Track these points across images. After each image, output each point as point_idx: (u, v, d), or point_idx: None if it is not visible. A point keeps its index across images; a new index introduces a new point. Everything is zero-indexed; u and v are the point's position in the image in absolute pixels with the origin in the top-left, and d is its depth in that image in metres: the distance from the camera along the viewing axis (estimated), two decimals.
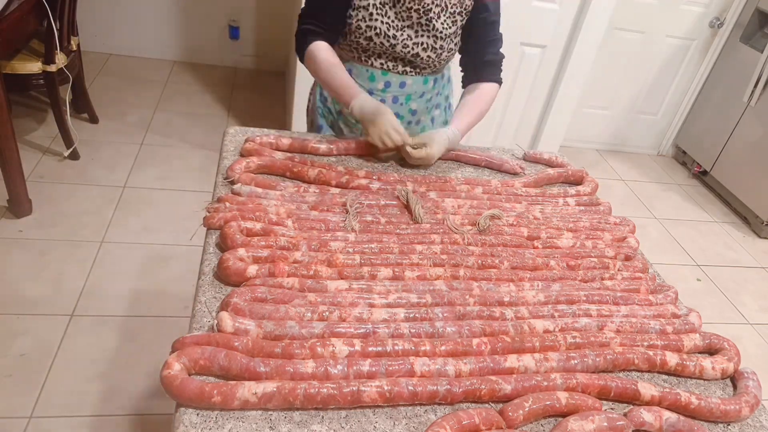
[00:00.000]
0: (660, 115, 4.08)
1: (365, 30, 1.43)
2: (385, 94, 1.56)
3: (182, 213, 2.65)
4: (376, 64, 1.52)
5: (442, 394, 0.85)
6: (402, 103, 1.59)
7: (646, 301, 1.14)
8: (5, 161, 2.29)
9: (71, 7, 2.69)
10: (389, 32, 1.43)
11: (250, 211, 1.12)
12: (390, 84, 1.55)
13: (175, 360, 0.81)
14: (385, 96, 1.56)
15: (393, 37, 1.44)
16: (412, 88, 1.57)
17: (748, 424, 0.96)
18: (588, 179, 1.53)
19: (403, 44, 1.45)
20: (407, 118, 1.62)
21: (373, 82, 1.54)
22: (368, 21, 1.42)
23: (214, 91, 3.81)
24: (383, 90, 1.55)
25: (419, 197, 1.28)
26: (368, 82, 1.54)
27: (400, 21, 1.43)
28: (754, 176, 3.45)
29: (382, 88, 1.55)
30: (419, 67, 1.53)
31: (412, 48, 1.46)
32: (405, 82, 1.55)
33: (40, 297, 2.10)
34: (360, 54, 1.51)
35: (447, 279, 1.08)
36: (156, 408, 1.82)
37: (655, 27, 3.64)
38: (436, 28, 1.44)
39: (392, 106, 1.58)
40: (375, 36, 1.44)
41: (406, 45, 1.46)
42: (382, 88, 1.55)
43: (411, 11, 1.41)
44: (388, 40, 1.44)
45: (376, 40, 1.44)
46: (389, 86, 1.55)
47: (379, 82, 1.54)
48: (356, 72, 1.54)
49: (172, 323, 2.11)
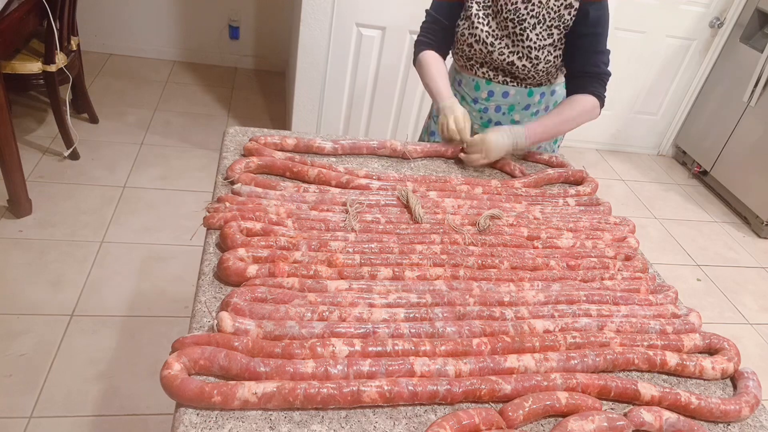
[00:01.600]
0: (660, 115, 4.08)
1: (468, 37, 1.55)
2: (489, 103, 1.62)
3: (182, 213, 2.65)
4: (479, 73, 1.59)
5: (442, 394, 0.85)
6: (505, 112, 1.63)
7: (646, 301, 1.14)
8: (5, 161, 2.29)
9: (71, 7, 2.69)
10: (488, 40, 1.52)
11: (250, 211, 1.12)
12: (493, 93, 1.60)
13: (175, 360, 0.81)
14: (489, 105, 1.62)
15: (491, 45, 1.52)
16: (516, 99, 1.60)
17: (748, 424, 0.96)
18: (588, 179, 1.53)
19: (500, 52, 1.52)
20: None
21: (477, 91, 1.62)
22: (470, 29, 1.54)
23: (214, 91, 3.81)
24: (487, 99, 1.62)
25: (419, 197, 1.28)
26: (474, 91, 1.63)
27: (500, 30, 1.51)
28: (754, 176, 3.45)
29: (485, 97, 1.62)
30: (519, 78, 1.57)
31: (508, 56, 1.52)
32: (508, 92, 1.59)
33: (40, 297, 2.10)
34: (465, 62, 1.62)
35: (447, 279, 1.08)
36: (156, 408, 1.82)
37: (655, 27, 3.64)
38: (530, 38, 1.47)
39: (495, 115, 1.63)
40: (475, 43, 1.54)
41: (502, 53, 1.52)
42: (486, 97, 1.62)
43: (507, 21, 1.48)
44: (486, 47, 1.53)
45: (475, 46, 1.55)
46: (492, 95, 1.61)
47: (483, 91, 1.61)
48: (464, 82, 1.65)
49: (172, 323, 2.11)
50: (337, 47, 2.77)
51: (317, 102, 2.94)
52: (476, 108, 1.65)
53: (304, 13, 2.65)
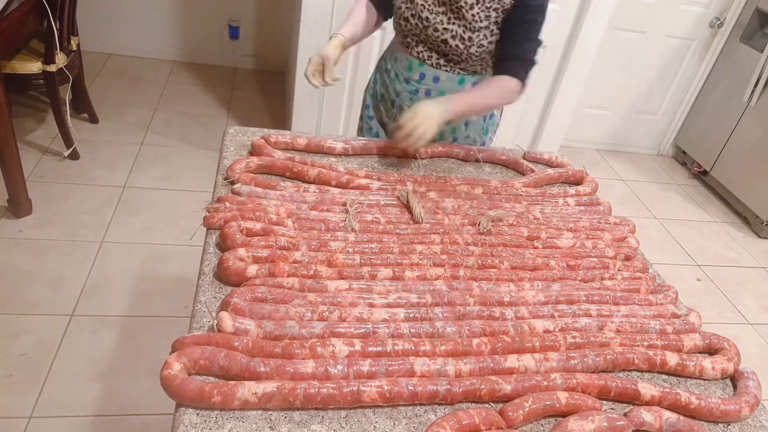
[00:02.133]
0: (660, 115, 4.08)
1: (404, 11, 1.51)
2: (420, 86, 1.59)
3: (182, 213, 2.65)
4: (414, 52, 1.56)
5: (442, 394, 0.85)
6: (434, 97, 1.58)
7: (646, 301, 1.14)
8: (5, 161, 2.29)
9: (71, 7, 2.69)
10: (423, 14, 1.48)
11: (250, 211, 1.12)
12: (425, 76, 1.57)
13: (175, 360, 0.81)
14: (420, 87, 1.59)
15: (426, 20, 1.48)
16: (446, 85, 1.57)
17: (748, 424, 0.96)
18: (588, 179, 1.53)
19: (434, 28, 1.49)
20: None
21: (410, 71, 1.59)
22: (408, 3, 1.50)
23: (214, 91, 3.81)
24: (418, 81, 1.59)
25: (419, 197, 1.28)
26: (406, 71, 1.59)
27: (436, 6, 1.47)
28: (754, 176, 3.45)
29: (417, 79, 1.59)
30: (451, 60, 1.54)
31: (442, 33, 1.49)
32: (439, 77, 1.56)
33: (40, 297, 2.10)
34: (403, 38, 1.58)
35: (447, 279, 1.08)
36: (156, 408, 1.82)
37: (655, 27, 3.64)
38: (466, 18, 1.45)
39: (425, 97, 1.59)
40: (411, 17, 1.50)
41: (437, 29, 1.48)
42: (418, 79, 1.59)
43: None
44: (421, 21, 1.49)
45: (412, 21, 1.51)
46: (424, 78, 1.58)
47: (416, 72, 1.58)
48: (399, 59, 1.61)
49: (172, 323, 2.11)
50: None
51: (317, 102, 2.94)
52: (407, 89, 1.61)
53: (304, 14, 2.65)
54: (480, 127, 1.68)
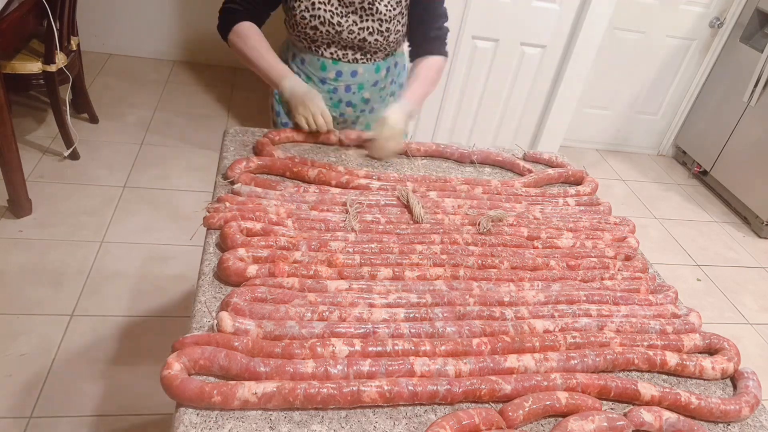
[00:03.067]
0: (660, 115, 4.07)
1: (309, 20, 1.44)
2: (338, 83, 1.56)
3: (182, 213, 2.65)
4: (326, 54, 1.52)
5: (442, 394, 0.85)
6: (354, 92, 1.59)
7: (646, 301, 1.14)
8: (5, 161, 2.29)
9: (71, 7, 2.69)
10: (333, 20, 1.43)
11: (250, 211, 1.12)
12: (341, 73, 1.55)
13: (175, 360, 0.81)
14: (338, 85, 1.57)
15: (338, 24, 1.44)
16: (364, 77, 1.57)
17: (748, 424, 0.96)
18: (588, 179, 1.53)
19: (349, 30, 1.45)
20: (360, 106, 1.63)
21: (324, 71, 1.55)
22: (311, 11, 1.43)
23: (214, 91, 3.81)
24: (335, 79, 1.56)
25: (419, 197, 1.28)
26: (320, 72, 1.55)
27: (344, 7, 1.42)
28: (754, 176, 3.45)
29: (333, 78, 1.56)
30: (369, 52, 1.53)
31: (358, 33, 1.46)
32: (356, 71, 1.55)
33: (40, 297, 2.10)
34: (310, 44, 1.52)
35: (447, 279, 1.08)
36: (156, 408, 1.81)
37: (655, 27, 3.64)
38: (380, 11, 1.43)
39: (345, 95, 1.59)
40: (320, 25, 1.44)
41: (352, 31, 1.46)
42: (334, 78, 1.56)
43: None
44: (333, 27, 1.44)
45: (321, 29, 1.45)
46: (341, 75, 1.55)
47: (331, 71, 1.55)
48: (308, 61, 1.56)
49: (172, 323, 2.11)
50: None
51: None
52: (325, 88, 1.58)
53: None
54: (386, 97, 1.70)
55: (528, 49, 3.00)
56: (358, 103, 1.62)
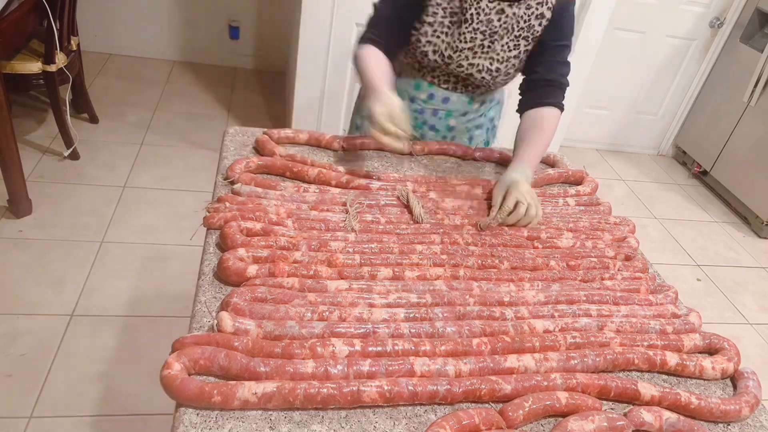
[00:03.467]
0: (660, 115, 4.08)
1: (424, 45, 1.41)
2: (427, 105, 1.54)
3: (182, 213, 2.65)
4: (427, 77, 1.49)
5: (442, 394, 0.85)
6: (441, 117, 1.56)
7: (646, 301, 1.14)
8: (5, 161, 2.29)
9: (71, 7, 2.69)
10: (446, 52, 1.40)
11: (250, 211, 1.12)
12: (434, 96, 1.52)
13: (175, 360, 0.81)
14: (426, 107, 1.54)
15: (449, 57, 1.41)
16: (456, 105, 1.54)
17: (748, 424, 0.96)
18: (588, 179, 1.52)
19: (458, 64, 1.42)
20: (443, 132, 1.59)
21: (417, 90, 1.52)
22: (428, 37, 1.39)
23: (214, 91, 3.81)
24: (425, 101, 1.53)
25: (419, 197, 1.28)
26: (413, 90, 1.53)
27: (462, 42, 1.38)
28: (754, 176, 3.45)
29: (425, 99, 1.53)
30: (472, 86, 1.49)
31: (467, 68, 1.42)
32: (449, 98, 1.51)
33: (40, 297, 2.10)
34: (414, 63, 1.49)
35: (447, 279, 1.08)
36: (156, 408, 1.82)
37: (655, 27, 3.64)
38: (496, 50, 1.39)
39: (431, 118, 1.56)
40: (432, 53, 1.41)
41: (461, 65, 1.42)
42: (425, 99, 1.53)
43: (477, 32, 1.37)
44: (443, 59, 1.41)
45: (431, 56, 1.42)
46: (432, 98, 1.52)
47: (424, 92, 1.52)
48: (405, 76, 1.52)
49: (172, 323, 2.11)
50: (337, 47, 2.77)
51: (317, 102, 2.94)
52: (412, 107, 1.54)
53: (304, 14, 2.65)
54: (483, 141, 1.67)
55: None
56: (442, 129, 1.58)
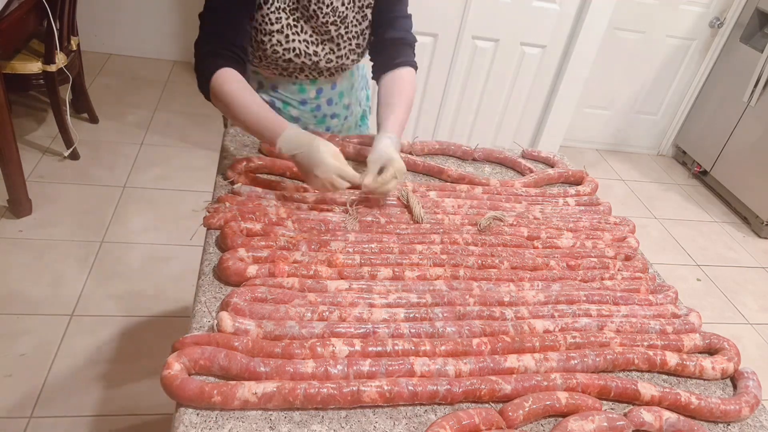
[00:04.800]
0: (660, 115, 4.08)
1: (283, 53, 1.32)
2: (319, 101, 1.49)
3: (182, 213, 2.65)
4: (300, 77, 1.42)
5: (442, 394, 0.85)
6: (336, 102, 1.52)
7: (646, 301, 1.14)
8: (5, 161, 2.29)
9: (71, 7, 2.69)
10: (309, 50, 1.33)
11: (250, 211, 1.12)
12: (322, 90, 1.47)
13: (175, 360, 0.81)
14: (320, 102, 1.49)
15: (314, 54, 1.35)
16: (342, 84, 1.51)
17: (748, 424, 0.96)
18: (588, 179, 1.53)
19: (327, 59, 1.37)
20: (343, 114, 1.56)
21: (303, 93, 1.46)
22: (285, 44, 1.31)
23: None
24: (316, 97, 1.48)
25: (419, 197, 1.28)
26: (299, 94, 1.46)
27: (318, 35, 1.33)
28: (754, 176, 3.45)
29: (314, 96, 1.47)
30: (345, 68, 1.47)
31: (336, 61, 1.38)
32: (335, 82, 1.48)
33: (40, 297, 2.10)
34: (281, 72, 1.40)
35: (447, 279, 1.08)
36: (156, 408, 1.82)
37: (655, 27, 3.64)
38: (350, 30, 1.36)
39: (328, 108, 1.52)
40: (295, 57, 1.33)
41: (330, 60, 1.38)
42: (315, 96, 1.47)
43: (328, 25, 1.32)
44: (309, 58, 1.35)
45: (296, 60, 1.34)
46: (321, 92, 1.48)
47: (311, 91, 1.46)
48: (282, 87, 1.44)
49: (172, 323, 2.11)
50: None
51: None
52: (307, 109, 1.48)
53: None
54: (365, 96, 1.64)
55: (528, 49, 3.00)
56: (341, 111, 1.56)
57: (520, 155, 1.61)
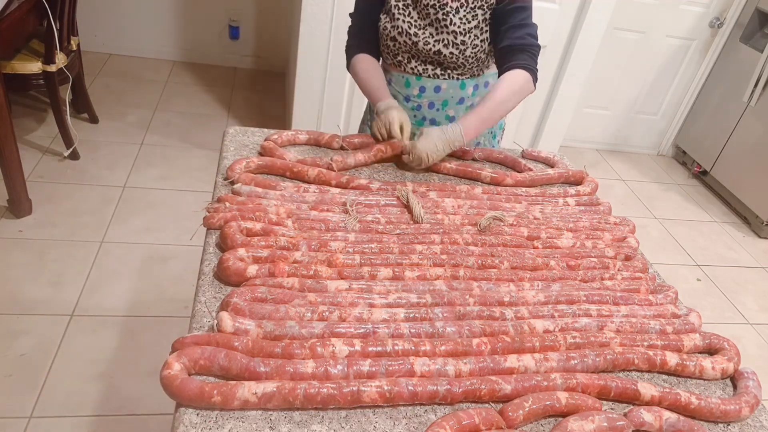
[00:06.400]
0: (660, 115, 4.08)
1: (390, 30, 1.49)
2: (421, 100, 1.58)
3: (182, 213, 2.65)
4: (408, 68, 1.54)
5: (442, 394, 0.85)
6: (438, 108, 1.59)
7: (646, 301, 1.14)
8: (5, 161, 2.29)
9: (71, 7, 2.69)
10: (410, 30, 1.47)
11: (250, 211, 1.12)
12: (425, 89, 1.56)
13: (175, 360, 0.81)
14: (421, 102, 1.58)
15: (414, 35, 1.47)
16: (448, 93, 1.57)
17: (748, 424, 0.96)
18: (588, 179, 1.53)
19: (425, 42, 1.48)
20: (444, 125, 1.56)
21: (408, 88, 1.57)
22: (392, 22, 1.48)
23: (214, 91, 3.81)
24: (419, 95, 1.57)
25: (419, 197, 1.28)
26: (404, 89, 1.58)
27: (422, 19, 1.46)
28: (754, 176, 3.45)
29: (417, 94, 1.57)
30: (449, 68, 1.53)
31: (434, 45, 1.48)
32: (440, 86, 1.55)
33: (40, 297, 2.10)
34: (393, 59, 1.56)
35: (447, 279, 1.08)
36: (156, 408, 1.82)
37: (655, 27, 3.64)
38: (454, 23, 1.44)
39: (429, 112, 1.59)
40: (398, 35, 1.49)
41: (428, 42, 1.48)
42: (418, 94, 1.57)
43: (428, 8, 1.44)
44: (410, 38, 1.48)
45: (399, 39, 1.49)
46: (424, 91, 1.56)
47: (414, 87, 1.57)
48: (395, 80, 1.58)
49: (172, 323, 2.11)
50: (337, 47, 2.76)
51: (317, 102, 2.94)
52: (409, 106, 1.59)
53: (304, 13, 2.65)
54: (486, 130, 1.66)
55: None
56: (442, 121, 1.60)
57: (520, 155, 1.61)
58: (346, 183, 1.30)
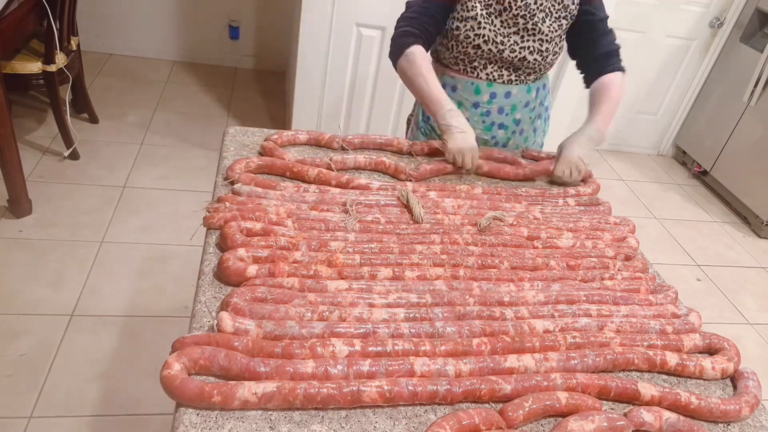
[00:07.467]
0: (660, 115, 4.07)
1: (473, 38, 1.49)
2: (491, 106, 1.59)
3: (182, 213, 2.65)
4: (482, 75, 1.55)
5: (442, 394, 0.85)
6: (507, 113, 1.61)
7: (646, 301, 1.14)
8: (5, 161, 2.29)
9: (71, 7, 2.69)
10: (497, 39, 1.49)
11: (250, 211, 1.12)
12: (495, 95, 1.58)
13: (175, 360, 0.81)
14: (491, 108, 1.59)
15: (501, 43, 1.49)
16: (518, 98, 1.60)
17: (748, 424, 0.96)
18: (590, 180, 1.53)
19: (511, 49, 1.50)
20: (512, 128, 1.65)
21: (478, 94, 1.58)
22: (477, 30, 1.48)
23: (214, 91, 3.81)
24: (489, 102, 1.58)
25: (419, 197, 1.28)
26: (473, 96, 1.58)
27: (506, 28, 1.48)
28: (754, 176, 3.45)
29: (487, 100, 1.58)
30: (525, 72, 1.56)
31: (519, 52, 1.51)
32: (510, 92, 1.58)
33: (40, 297, 2.10)
34: (466, 66, 1.55)
35: (447, 279, 1.08)
36: (156, 408, 1.82)
37: (655, 27, 3.64)
38: (542, 31, 1.49)
39: (498, 117, 1.61)
40: (483, 43, 1.49)
41: (514, 50, 1.50)
42: (488, 100, 1.58)
43: (517, 18, 1.47)
44: (496, 46, 1.49)
45: (484, 47, 1.50)
46: (494, 97, 1.58)
47: (485, 94, 1.58)
48: (461, 86, 1.59)
49: (172, 323, 2.11)
50: (337, 47, 2.77)
51: (317, 102, 2.94)
52: (478, 112, 1.60)
53: (304, 13, 2.65)
54: (543, 131, 1.74)
55: None
56: (510, 125, 1.64)
57: (520, 155, 1.61)
58: (346, 183, 1.30)
